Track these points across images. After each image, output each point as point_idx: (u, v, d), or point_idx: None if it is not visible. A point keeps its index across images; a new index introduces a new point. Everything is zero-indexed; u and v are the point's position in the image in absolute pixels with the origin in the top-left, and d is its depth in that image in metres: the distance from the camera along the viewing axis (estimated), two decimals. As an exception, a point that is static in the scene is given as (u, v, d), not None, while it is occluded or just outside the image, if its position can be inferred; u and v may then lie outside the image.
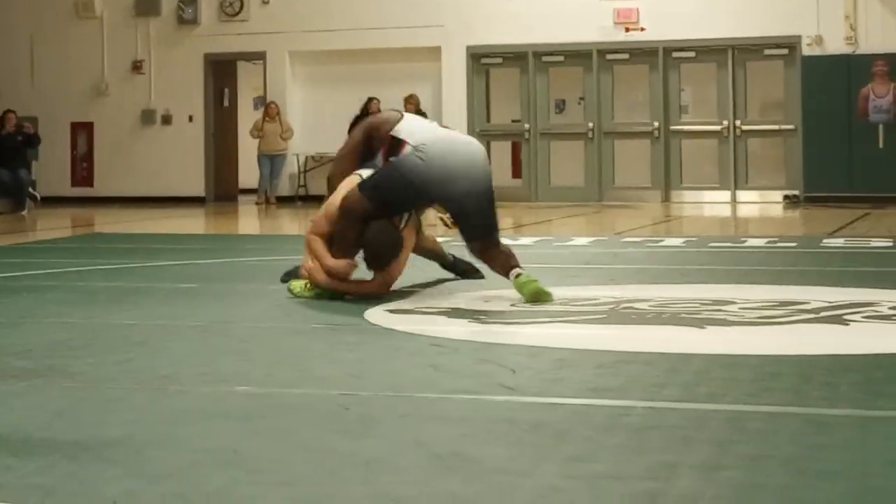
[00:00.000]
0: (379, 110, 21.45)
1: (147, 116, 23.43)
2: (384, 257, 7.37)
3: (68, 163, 23.72)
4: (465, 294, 7.67)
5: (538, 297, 7.33)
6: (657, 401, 4.57)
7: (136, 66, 23.47)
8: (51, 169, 23.07)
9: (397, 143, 7.59)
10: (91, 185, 23.66)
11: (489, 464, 3.64)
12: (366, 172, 7.64)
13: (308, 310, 7.02)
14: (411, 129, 7.70)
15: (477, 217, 7.63)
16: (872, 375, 5.13)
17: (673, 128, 21.34)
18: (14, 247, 13.21)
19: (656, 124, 21.30)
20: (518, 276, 7.44)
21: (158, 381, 5.05)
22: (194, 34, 23.20)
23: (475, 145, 7.89)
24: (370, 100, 21.37)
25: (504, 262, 7.59)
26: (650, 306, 7.08)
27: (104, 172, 23.57)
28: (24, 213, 19.69)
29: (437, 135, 7.70)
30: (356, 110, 21.42)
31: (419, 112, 21.00)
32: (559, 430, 4.09)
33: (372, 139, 7.79)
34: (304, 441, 3.97)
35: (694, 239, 12.63)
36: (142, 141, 23.48)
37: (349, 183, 7.59)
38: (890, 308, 6.90)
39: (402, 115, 7.89)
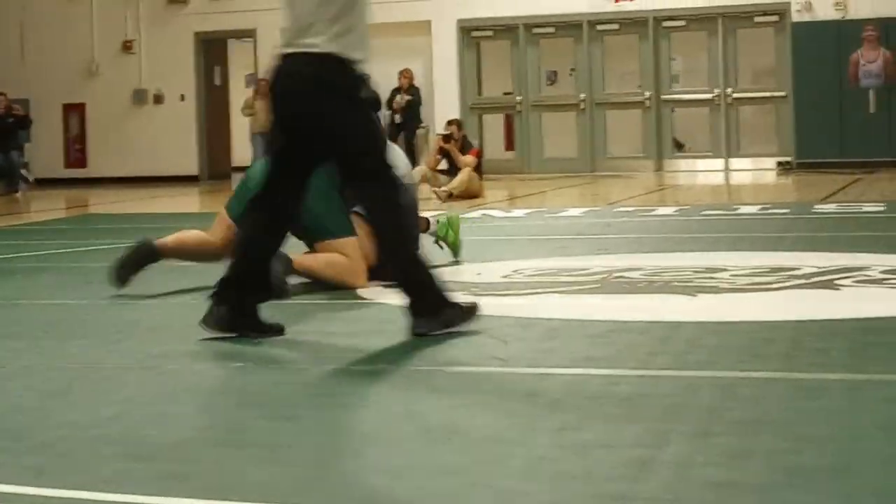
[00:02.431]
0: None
1: (139, 96, 23.40)
2: None
3: (61, 144, 23.69)
4: (457, 268, 7.68)
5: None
6: (649, 369, 4.59)
7: (127, 46, 23.42)
8: (44, 150, 23.04)
9: None
10: (84, 165, 23.64)
11: (481, 434, 3.66)
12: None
13: (301, 286, 7.01)
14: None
15: None
16: (863, 340, 5.15)
17: (664, 97, 21.31)
18: (7, 229, 13.21)
19: (648, 94, 21.28)
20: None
21: (151, 360, 5.06)
22: (184, 13, 23.15)
23: None
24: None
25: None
26: (642, 275, 7.10)
27: (97, 153, 23.54)
28: (18, 194, 19.67)
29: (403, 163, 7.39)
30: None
31: (412, 87, 20.99)
32: (551, 400, 4.10)
33: None
34: (294, 415, 3.98)
35: (687, 207, 12.64)
36: (134, 121, 23.45)
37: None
38: (881, 272, 6.92)
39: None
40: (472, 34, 22.13)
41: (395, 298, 6.49)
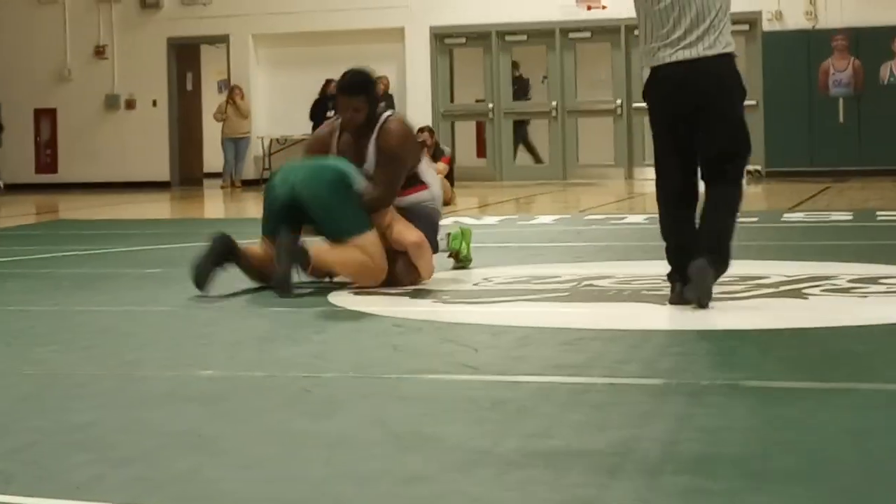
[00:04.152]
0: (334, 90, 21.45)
1: (111, 101, 23.35)
2: None
3: (32, 149, 23.62)
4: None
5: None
6: (618, 377, 4.62)
7: (99, 52, 23.38)
8: (14, 156, 22.97)
9: (415, 180, 7.37)
10: (55, 171, 23.58)
11: (450, 441, 3.68)
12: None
13: (272, 294, 7.04)
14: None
15: None
16: (830, 348, 5.20)
17: (636, 105, 21.37)
18: (-22, 235, 13.16)
19: (619, 102, 21.36)
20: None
21: (123, 366, 5.07)
22: (157, 18, 23.12)
23: None
24: (328, 82, 21.40)
25: None
26: (612, 283, 7.14)
27: (68, 158, 23.48)
28: (-12, 200, 19.60)
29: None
30: (317, 94, 21.48)
31: (386, 93, 21.02)
32: (520, 408, 4.13)
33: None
34: (268, 423, 4.00)
35: (656, 216, 12.65)
36: (106, 126, 23.40)
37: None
38: (848, 281, 6.98)
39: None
40: (444, 41, 22.18)
41: (365, 305, 6.53)
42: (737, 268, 7.65)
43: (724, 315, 6.04)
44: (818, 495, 3.11)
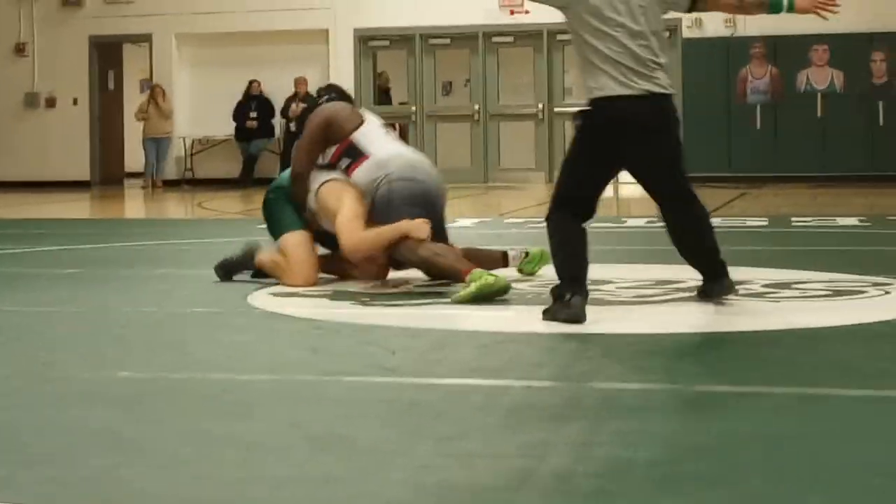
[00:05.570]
0: (260, 91, 21.47)
1: (30, 99, 23.10)
2: None
3: (-51, 147, 23.33)
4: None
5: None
6: (533, 380, 4.66)
7: (19, 49, 23.12)
8: (-69, 153, 22.66)
9: (356, 152, 7.44)
10: (-28, 169, 23.30)
11: (364, 444, 3.71)
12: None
13: (191, 294, 7.02)
14: (371, 138, 7.51)
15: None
16: (743, 352, 5.28)
17: (557, 109, 21.50)
18: None
19: (540, 106, 21.47)
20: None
21: (37, 367, 5.03)
22: (79, 16, 22.91)
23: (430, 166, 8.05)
24: (251, 83, 21.41)
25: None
26: (530, 286, 7.18)
27: (-14, 156, 23.21)
28: None
29: (400, 154, 7.62)
30: (241, 94, 21.42)
31: (307, 95, 20.98)
32: (435, 410, 4.16)
33: (328, 132, 7.51)
34: (184, 424, 4.00)
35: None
36: (25, 124, 23.15)
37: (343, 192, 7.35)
38: (762, 286, 7.08)
39: (363, 119, 7.62)
40: (368, 43, 22.17)
41: (284, 307, 6.52)
42: (652, 272, 7.76)
43: (638, 319, 6.11)
44: (726, 500, 3.16)
